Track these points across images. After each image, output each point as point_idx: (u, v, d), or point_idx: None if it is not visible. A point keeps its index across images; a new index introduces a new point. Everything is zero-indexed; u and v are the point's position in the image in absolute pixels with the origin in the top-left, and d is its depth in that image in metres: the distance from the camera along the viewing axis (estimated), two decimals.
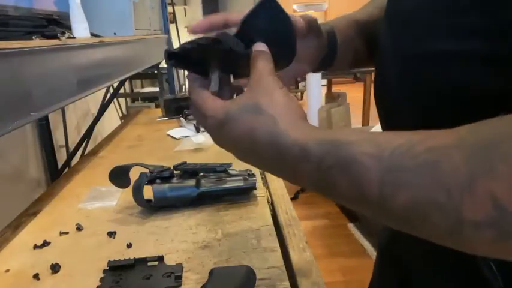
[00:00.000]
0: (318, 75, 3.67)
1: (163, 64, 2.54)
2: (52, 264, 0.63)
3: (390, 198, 0.26)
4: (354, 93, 4.53)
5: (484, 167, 0.22)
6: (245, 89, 0.37)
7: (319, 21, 0.48)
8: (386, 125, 0.44)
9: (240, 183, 0.83)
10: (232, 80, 0.43)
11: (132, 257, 0.63)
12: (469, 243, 0.24)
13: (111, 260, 0.62)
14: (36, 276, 0.61)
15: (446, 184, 0.23)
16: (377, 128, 2.26)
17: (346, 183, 0.28)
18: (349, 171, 0.28)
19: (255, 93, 0.35)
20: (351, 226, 2.43)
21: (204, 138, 1.30)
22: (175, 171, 0.84)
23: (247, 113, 0.34)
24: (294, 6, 7.57)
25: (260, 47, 0.38)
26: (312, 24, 0.45)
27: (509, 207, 0.21)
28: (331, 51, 0.50)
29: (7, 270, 0.64)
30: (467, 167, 0.23)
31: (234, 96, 0.41)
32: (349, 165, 0.28)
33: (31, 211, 0.86)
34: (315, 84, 3.58)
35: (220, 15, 0.43)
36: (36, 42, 0.70)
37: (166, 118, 1.67)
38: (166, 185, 0.80)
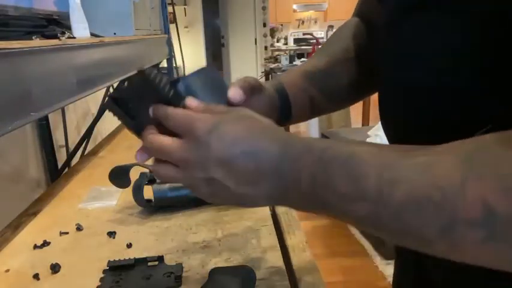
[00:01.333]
0: None
1: (164, 64, 2.54)
2: (52, 264, 0.63)
3: (387, 192, 0.27)
4: None
5: (474, 172, 0.24)
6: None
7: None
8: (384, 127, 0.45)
9: None
10: None
11: (132, 257, 0.63)
12: (459, 243, 0.25)
13: (111, 260, 0.62)
14: (36, 276, 0.61)
15: (441, 184, 0.25)
16: (377, 128, 2.28)
17: (345, 176, 0.29)
18: (349, 164, 0.29)
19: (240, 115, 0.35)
20: (351, 226, 2.43)
21: None
22: None
23: (243, 118, 0.34)
24: (294, 6, 7.56)
25: (193, 101, 0.37)
26: (253, 85, 0.45)
27: (498, 208, 0.23)
28: (284, 104, 0.50)
29: (7, 270, 0.64)
30: (460, 172, 0.25)
31: None
32: (350, 159, 0.29)
33: (31, 211, 0.86)
34: None
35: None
36: (36, 42, 0.70)
37: None
38: (166, 185, 0.80)
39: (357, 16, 0.59)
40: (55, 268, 0.63)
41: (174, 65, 2.60)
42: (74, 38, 0.93)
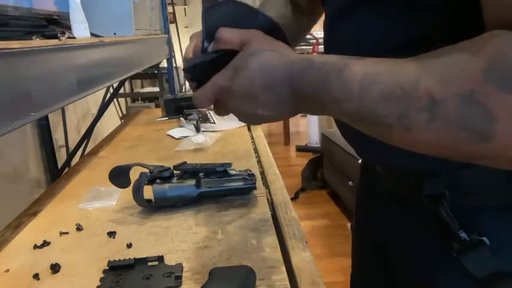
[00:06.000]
0: None
1: (164, 64, 2.54)
2: (52, 264, 0.63)
3: (366, 94, 0.36)
4: None
5: (425, 72, 0.34)
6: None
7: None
8: None
9: (240, 183, 0.83)
10: None
11: (132, 257, 0.63)
12: (410, 126, 0.34)
13: (111, 260, 0.62)
14: (36, 276, 0.61)
15: (403, 84, 0.35)
16: None
17: (336, 83, 0.38)
18: (341, 74, 0.38)
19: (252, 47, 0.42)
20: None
21: (204, 138, 1.30)
22: (175, 171, 0.84)
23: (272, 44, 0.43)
24: None
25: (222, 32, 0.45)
26: None
27: (437, 97, 0.33)
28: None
29: (7, 270, 0.64)
30: (416, 73, 0.34)
31: None
32: (342, 70, 0.38)
33: (31, 211, 0.86)
34: None
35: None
36: (36, 42, 0.70)
37: (167, 118, 1.67)
38: (166, 185, 0.80)
39: None
40: (55, 268, 0.63)
41: (174, 65, 2.60)
42: (74, 38, 0.93)
